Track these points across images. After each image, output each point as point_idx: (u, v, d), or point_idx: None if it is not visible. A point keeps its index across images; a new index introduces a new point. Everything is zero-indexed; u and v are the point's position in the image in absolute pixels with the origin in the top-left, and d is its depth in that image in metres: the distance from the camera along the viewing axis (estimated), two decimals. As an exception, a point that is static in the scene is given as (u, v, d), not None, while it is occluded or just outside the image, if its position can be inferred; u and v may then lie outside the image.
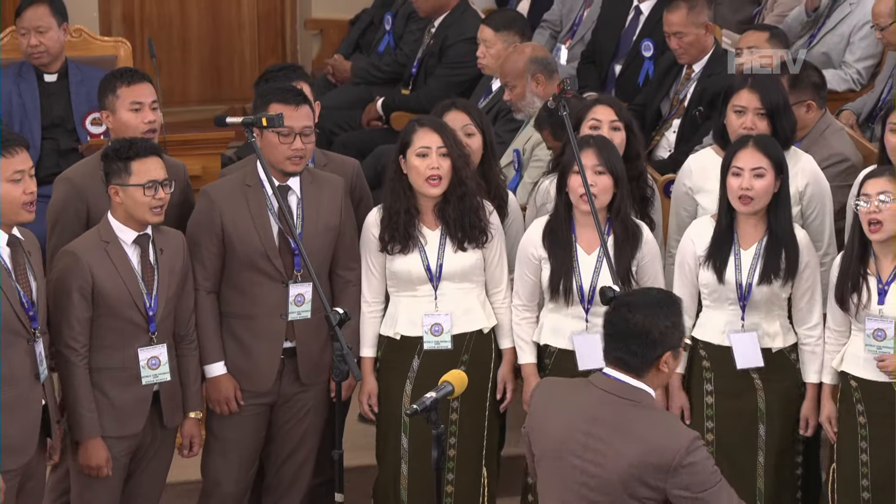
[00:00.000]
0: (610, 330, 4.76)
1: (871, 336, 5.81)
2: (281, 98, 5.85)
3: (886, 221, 5.73)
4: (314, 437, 6.08)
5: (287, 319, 5.91)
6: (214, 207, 5.86)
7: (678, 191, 6.40)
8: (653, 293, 4.88)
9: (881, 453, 5.87)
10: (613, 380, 4.72)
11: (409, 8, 8.87)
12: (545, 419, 4.78)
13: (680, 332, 4.74)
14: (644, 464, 4.61)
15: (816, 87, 6.72)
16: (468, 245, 5.97)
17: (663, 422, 4.71)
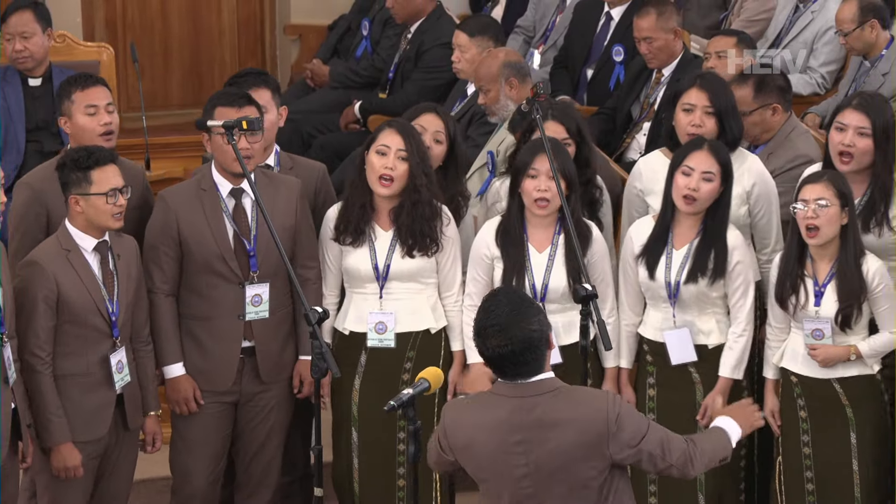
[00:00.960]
0: (497, 362, 4.69)
1: (809, 336, 5.88)
2: (225, 102, 5.87)
3: (823, 226, 5.78)
4: (280, 434, 6.08)
5: (245, 320, 5.90)
6: (171, 212, 5.87)
7: (629, 193, 6.43)
8: (501, 306, 4.71)
9: (823, 446, 5.94)
10: (517, 385, 4.70)
11: (385, 14, 8.88)
12: (471, 444, 4.73)
13: (543, 313, 4.71)
14: (583, 444, 4.63)
15: (782, 90, 6.75)
16: (417, 253, 5.97)
17: (579, 397, 4.71)
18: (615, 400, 4.68)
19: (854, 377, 5.89)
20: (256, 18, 9.85)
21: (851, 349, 5.85)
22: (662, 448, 4.70)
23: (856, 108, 6.13)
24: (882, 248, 6.03)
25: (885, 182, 6.07)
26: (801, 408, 5.95)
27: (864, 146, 6.08)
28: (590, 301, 5.64)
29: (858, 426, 5.90)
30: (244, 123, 5.71)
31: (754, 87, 6.71)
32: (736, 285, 5.98)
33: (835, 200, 5.78)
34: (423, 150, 6.01)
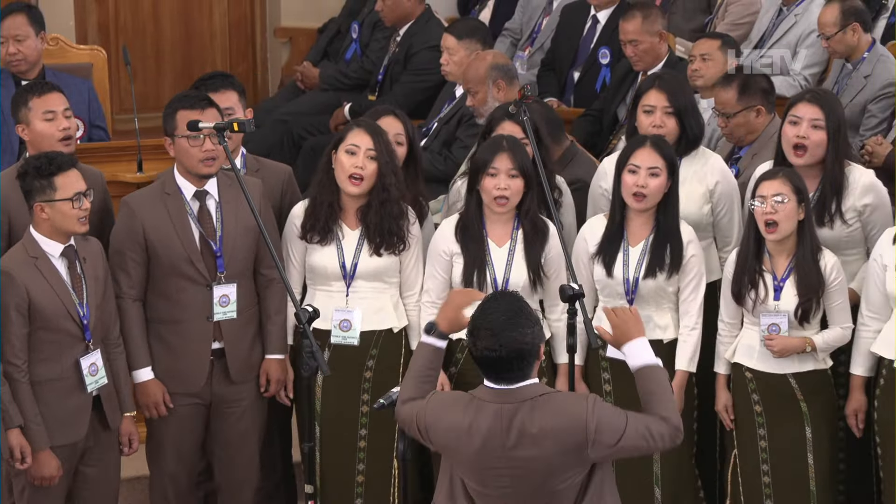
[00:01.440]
0: (485, 363, 4.65)
1: (765, 330, 5.89)
2: (186, 104, 5.86)
3: (782, 222, 5.81)
4: (256, 435, 6.07)
5: (213, 321, 5.90)
6: (136, 217, 5.85)
7: (595, 192, 6.45)
8: (499, 309, 4.66)
9: (779, 440, 5.97)
10: (501, 391, 4.66)
11: (375, 17, 8.89)
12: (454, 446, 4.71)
13: (539, 324, 4.68)
14: (562, 453, 4.62)
15: (765, 92, 6.77)
16: (384, 251, 5.97)
17: (558, 405, 4.67)
18: (594, 406, 4.65)
19: (808, 372, 5.92)
20: (247, 21, 9.86)
21: (807, 341, 5.88)
22: (644, 438, 4.68)
23: (809, 101, 6.15)
24: (836, 241, 6.06)
25: (836, 176, 6.09)
26: (756, 402, 5.97)
27: (818, 138, 6.10)
28: (577, 300, 5.66)
29: (813, 420, 5.93)
30: (235, 125, 5.71)
31: (738, 89, 6.74)
32: (689, 279, 6.00)
33: (792, 196, 5.80)
34: (392, 149, 6.02)
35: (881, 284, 5.83)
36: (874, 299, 5.86)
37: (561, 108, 8.18)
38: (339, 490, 6.07)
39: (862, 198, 6.12)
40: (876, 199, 6.13)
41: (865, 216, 6.13)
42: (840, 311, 5.90)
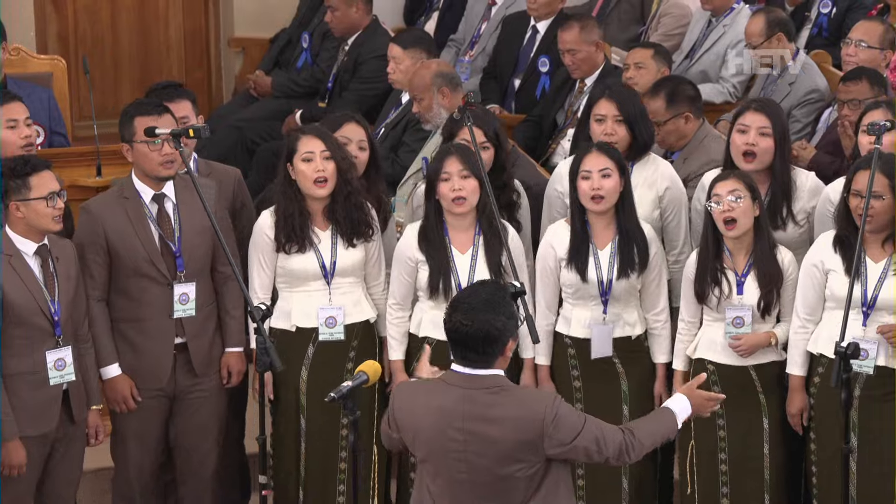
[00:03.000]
0: (454, 336, 4.70)
1: (730, 324, 5.93)
2: (143, 111, 5.90)
3: (740, 218, 5.86)
4: (216, 424, 6.10)
5: (174, 318, 5.93)
6: (96, 221, 5.89)
7: (550, 195, 6.48)
8: (481, 292, 4.76)
9: (737, 430, 6.00)
10: (467, 376, 4.71)
11: (324, 27, 8.89)
12: (416, 425, 4.77)
13: (515, 319, 4.72)
14: (519, 442, 4.66)
15: (692, 99, 6.82)
16: (357, 240, 6.02)
17: (521, 397, 4.73)
18: (555, 402, 4.69)
19: (769, 363, 5.97)
20: (202, 32, 9.83)
21: (771, 336, 5.93)
22: (598, 444, 4.71)
23: (756, 110, 6.21)
24: (789, 242, 6.11)
25: (785, 180, 6.16)
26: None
27: (766, 145, 6.16)
28: (518, 297, 5.69)
29: (770, 412, 5.98)
30: (191, 132, 5.74)
31: (666, 98, 6.78)
32: (653, 276, 6.05)
33: (746, 193, 5.86)
34: (340, 144, 6.07)
35: (818, 288, 5.86)
36: (810, 301, 5.89)
37: (503, 114, 8.21)
38: (322, 478, 6.12)
39: (810, 200, 6.19)
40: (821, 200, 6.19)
41: (813, 217, 6.19)
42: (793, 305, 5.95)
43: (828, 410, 5.85)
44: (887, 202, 5.71)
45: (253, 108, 9.02)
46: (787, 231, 6.14)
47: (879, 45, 7.61)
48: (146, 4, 9.68)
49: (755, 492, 5.99)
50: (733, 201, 5.83)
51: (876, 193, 5.68)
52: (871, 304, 5.75)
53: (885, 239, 5.77)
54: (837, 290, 5.79)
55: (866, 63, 7.43)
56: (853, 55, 7.59)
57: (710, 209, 5.88)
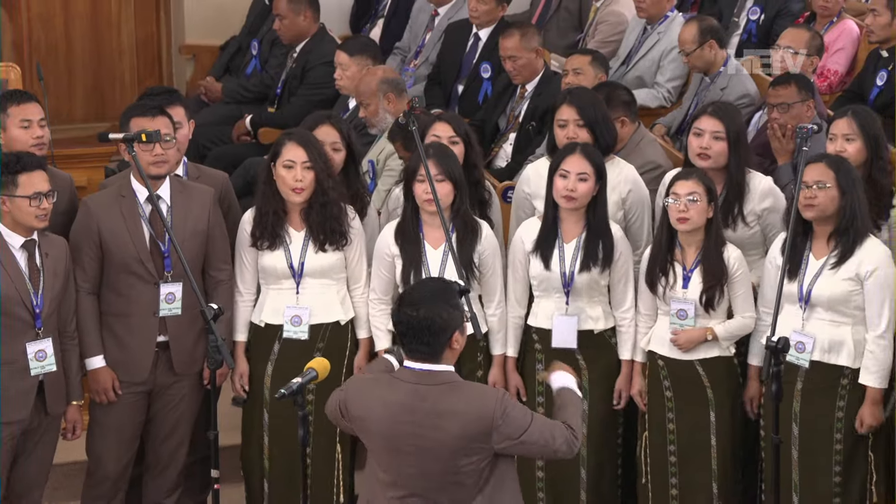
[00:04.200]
0: (401, 329, 4.73)
1: (674, 316, 5.98)
2: (139, 112, 5.95)
3: (693, 218, 5.91)
4: (188, 421, 6.13)
5: (159, 316, 5.93)
6: (92, 217, 5.90)
7: (518, 196, 6.52)
8: (429, 285, 4.89)
9: (685, 423, 6.05)
10: (416, 371, 4.72)
11: (273, 35, 8.88)
12: (367, 418, 4.77)
13: (460, 311, 4.74)
14: (468, 436, 4.66)
15: (627, 104, 6.87)
16: (329, 247, 6.03)
17: (470, 393, 4.74)
18: (503, 398, 4.70)
19: (714, 358, 6.01)
20: (154, 39, 9.79)
21: (708, 331, 5.97)
22: (545, 439, 4.72)
23: (711, 114, 6.26)
24: (738, 242, 6.16)
25: (738, 182, 6.20)
26: (666, 388, 6.06)
27: (720, 149, 6.21)
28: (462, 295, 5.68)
29: (717, 405, 6.02)
30: (143, 136, 5.75)
31: (602, 103, 6.83)
32: (620, 274, 6.09)
33: (703, 195, 5.91)
34: (325, 155, 6.09)
35: (774, 284, 5.90)
36: (769, 297, 5.94)
37: (446, 119, 8.21)
38: (286, 471, 6.13)
39: (761, 202, 6.24)
40: (773, 202, 6.25)
41: (764, 219, 6.24)
42: (742, 301, 6.00)
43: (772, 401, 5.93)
44: (831, 193, 5.77)
45: (204, 113, 8.99)
46: (736, 231, 6.19)
47: (807, 50, 7.68)
48: (99, 12, 9.63)
49: (703, 481, 6.05)
50: (690, 202, 5.89)
51: (821, 183, 5.74)
52: (806, 298, 5.80)
53: (830, 236, 5.83)
54: (787, 287, 5.85)
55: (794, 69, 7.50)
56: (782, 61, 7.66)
57: (667, 205, 5.93)
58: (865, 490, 5.90)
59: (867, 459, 5.89)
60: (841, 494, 5.89)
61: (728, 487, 6.05)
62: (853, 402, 5.84)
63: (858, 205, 5.79)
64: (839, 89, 8.44)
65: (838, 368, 5.84)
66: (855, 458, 5.88)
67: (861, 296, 5.80)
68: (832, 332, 5.82)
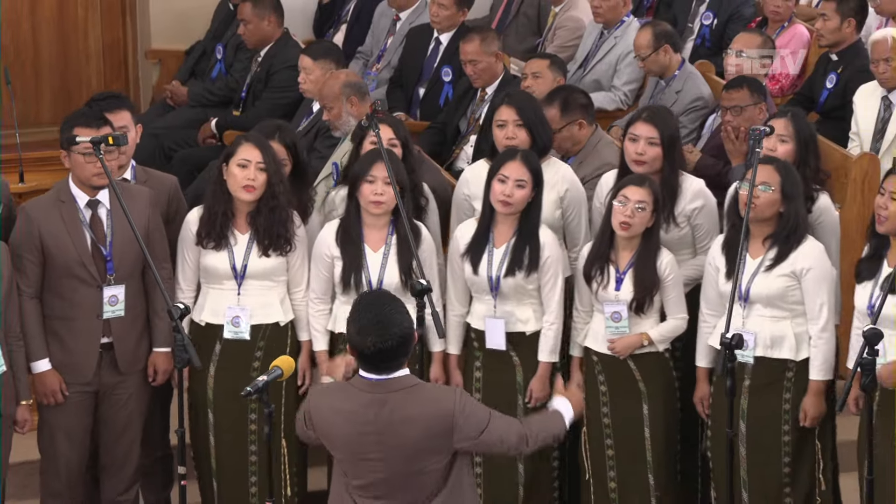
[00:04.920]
0: (378, 357, 4.63)
1: (609, 318, 6.01)
2: (82, 122, 5.89)
3: (636, 225, 5.94)
4: (139, 419, 6.11)
5: (103, 318, 5.92)
6: (33, 222, 5.87)
7: (458, 198, 6.53)
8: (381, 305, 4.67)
9: (620, 416, 6.08)
10: (376, 382, 4.68)
11: (238, 39, 8.87)
12: (331, 428, 4.75)
13: (410, 315, 4.71)
14: (430, 437, 4.66)
15: (584, 107, 6.88)
16: (272, 252, 6.03)
17: (429, 394, 4.73)
18: (461, 398, 4.70)
19: (645, 354, 6.05)
20: (120, 44, 9.75)
21: (644, 336, 6.01)
22: (501, 436, 4.73)
23: (645, 120, 6.29)
24: (670, 242, 6.20)
25: (672, 185, 6.24)
26: (601, 383, 6.09)
27: (654, 154, 6.25)
28: (425, 294, 5.72)
29: (650, 399, 6.06)
30: (110, 139, 5.74)
31: (560, 107, 6.84)
32: (547, 277, 6.10)
33: (650, 205, 5.95)
34: (278, 160, 6.09)
35: (716, 285, 5.96)
36: (711, 298, 6.00)
37: (409, 122, 8.24)
38: (234, 469, 6.12)
39: (692, 202, 6.28)
40: (703, 203, 6.29)
41: (694, 219, 6.28)
42: (674, 304, 6.04)
43: (721, 399, 5.94)
44: (773, 196, 5.81)
45: (169, 116, 8.98)
46: (668, 232, 6.23)
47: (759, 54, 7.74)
48: (66, 17, 9.59)
49: (639, 474, 6.08)
50: (637, 210, 5.92)
51: (765, 185, 5.78)
52: (745, 297, 5.85)
53: (766, 237, 5.88)
54: (722, 286, 5.91)
55: (747, 72, 7.55)
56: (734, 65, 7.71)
57: (613, 206, 5.96)
58: (814, 479, 5.96)
59: (814, 448, 5.96)
60: (791, 485, 5.94)
61: (665, 479, 6.09)
62: (799, 393, 5.91)
63: (800, 211, 5.87)
64: (790, 92, 8.51)
65: (782, 362, 5.90)
66: (803, 449, 5.95)
67: (798, 291, 5.87)
68: (773, 328, 5.88)
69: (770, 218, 5.85)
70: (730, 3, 8.90)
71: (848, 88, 7.97)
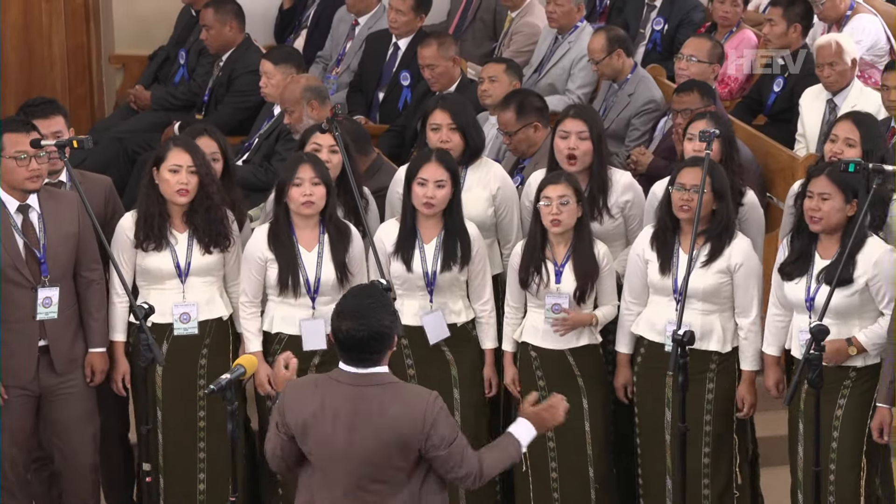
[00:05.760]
0: (348, 344, 4.64)
1: (549, 310, 6.04)
2: (11, 128, 5.86)
3: (565, 219, 5.98)
4: (87, 421, 6.05)
5: (37, 320, 5.89)
6: None
7: (391, 197, 6.52)
8: (364, 296, 4.69)
9: None
10: (354, 374, 4.68)
11: (200, 45, 8.85)
12: (306, 421, 4.70)
13: (397, 315, 4.70)
14: (401, 436, 4.65)
15: (539, 110, 6.92)
16: (213, 249, 6.04)
17: (405, 394, 4.70)
18: (435, 403, 4.67)
19: (583, 347, 6.08)
20: (84, 50, 9.71)
21: (592, 317, 6.05)
22: (461, 458, 4.70)
23: (574, 116, 6.32)
24: (604, 233, 6.25)
25: (602, 178, 6.29)
26: (539, 377, 6.10)
27: (586, 148, 6.27)
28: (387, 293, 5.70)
29: (588, 392, 6.09)
30: (75, 143, 5.73)
31: (516, 110, 6.87)
32: (478, 269, 6.13)
33: (573, 197, 5.98)
34: (207, 160, 6.09)
35: (641, 275, 6.02)
36: (635, 287, 6.06)
37: (368, 125, 8.24)
38: (182, 466, 6.10)
39: (623, 195, 6.33)
40: (634, 195, 6.36)
41: (627, 211, 6.33)
42: (610, 292, 6.10)
43: (648, 387, 6.04)
44: (706, 198, 5.88)
45: (133, 120, 8.94)
46: (602, 224, 6.27)
47: (708, 59, 7.79)
48: (31, 23, 9.53)
49: (580, 465, 6.11)
50: (562, 205, 5.95)
51: (697, 187, 5.86)
52: (680, 291, 5.90)
53: (698, 234, 5.93)
54: (654, 279, 5.99)
55: (697, 76, 7.60)
56: (685, 69, 7.76)
57: (539, 208, 5.99)
58: (732, 472, 6.02)
59: (732, 442, 6.01)
60: (710, 476, 6.00)
61: (603, 471, 6.13)
62: (721, 386, 5.98)
63: (730, 209, 5.94)
64: (739, 95, 8.57)
65: (708, 354, 5.97)
66: (723, 441, 6.01)
67: (730, 286, 5.95)
68: (703, 321, 5.96)
69: (703, 216, 5.91)
70: (680, 9, 8.96)
71: (794, 92, 8.03)
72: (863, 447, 5.75)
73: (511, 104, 6.89)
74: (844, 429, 5.75)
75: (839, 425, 5.75)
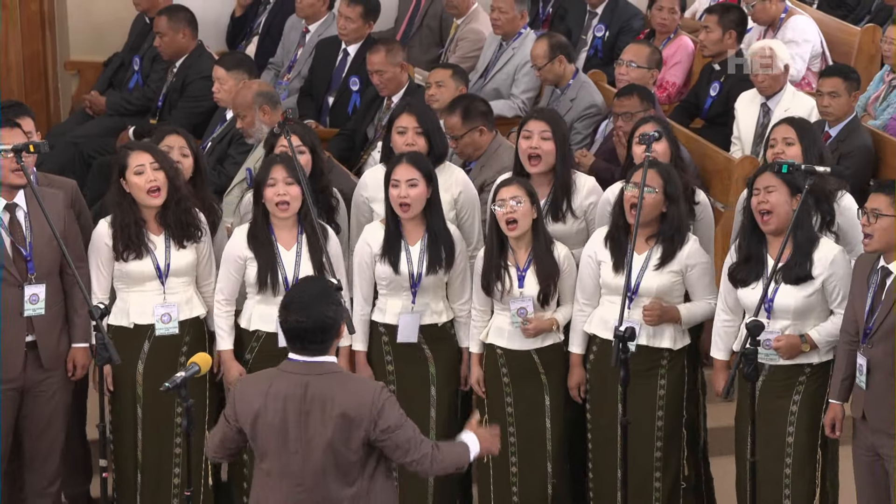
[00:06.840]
0: (293, 334, 4.72)
1: (515, 315, 6.05)
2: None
3: (520, 220, 6.00)
4: (63, 414, 6.06)
5: (24, 316, 5.87)
6: None
7: (357, 200, 6.53)
8: (309, 289, 4.82)
9: (522, 407, 6.12)
10: (302, 363, 4.73)
11: (154, 51, 8.81)
12: (255, 412, 4.73)
13: (342, 306, 4.78)
14: (347, 423, 4.67)
15: (485, 114, 6.93)
16: (187, 242, 6.02)
17: (353, 383, 4.76)
18: (382, 392, 4.72)
19: (548, 346, 6.10)
20: (40, 56, 9.64)
21: (553, 322, 6.06)
22: (409, 444, 4.74)
23: (537, 117, 6.35)
24: (568, 235, 6.27)
25: (566, 179, 6.31)
26: (504, 375, 6.12)
27: (549, 148, 6.29)
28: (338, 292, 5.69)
29: (551, 390, 6.11)
30: (31, 147, 5.70)
31: (462, 114, 6.88)
32: (459, 270, 6.14)
33: (526, 198, 5.99)
34: (166, 155, 6.08)
35: (594, 276, 6.03)
36: (587, 288, 6.07)
37: (318, 129, 8.22)
38: (158, 462, 6.09)
39: (587, 198, 6.36)
40: (597, 198, 6.37)
41: (589, 214, 6.36)
42: (570, 293, 6.11)
43: (600, 385, 6.06)
44: (657, 197, 5.90)
45: (88, 125, 8.90)
46: (566, 224, 6.29)
47: (647, 64, 7.84)
48: (-13, 32, 9.46)
49: (539, 461, 6.13)
50: (515, 205, 5.96)
51: (650, 187, 5.87)
52: (634, 290, 5.92)
53: (649, 236, 5.96)
54: (607, 279, 6.00)
55: (636, 80, 7.65)
56: (625, 74, 7.80)
57: (495, 211, 5.99)
58: (680, 465, 6.06)
59: (681, 435, 6.05)
60: (661, 469, 6.03)
61: (560, 467, 6.16)
62: (672, 381, 6.00)
63: (682, 211, 5.96)
64: (677, 99, 8.64)
65: (660, 351, 5.99)
66: (673, 435, 6.04)
67: (682, 286, 5.98)
68: None
69: (654, 218, 5.93)
70: (620, 17, 9.01)
71: (730, 96, 8.10)
72: (818, 441, 5.79)
73: (457, 109, 6.90)
74: (800, 424, 5.78)
75: (795, 420, 5.79)
